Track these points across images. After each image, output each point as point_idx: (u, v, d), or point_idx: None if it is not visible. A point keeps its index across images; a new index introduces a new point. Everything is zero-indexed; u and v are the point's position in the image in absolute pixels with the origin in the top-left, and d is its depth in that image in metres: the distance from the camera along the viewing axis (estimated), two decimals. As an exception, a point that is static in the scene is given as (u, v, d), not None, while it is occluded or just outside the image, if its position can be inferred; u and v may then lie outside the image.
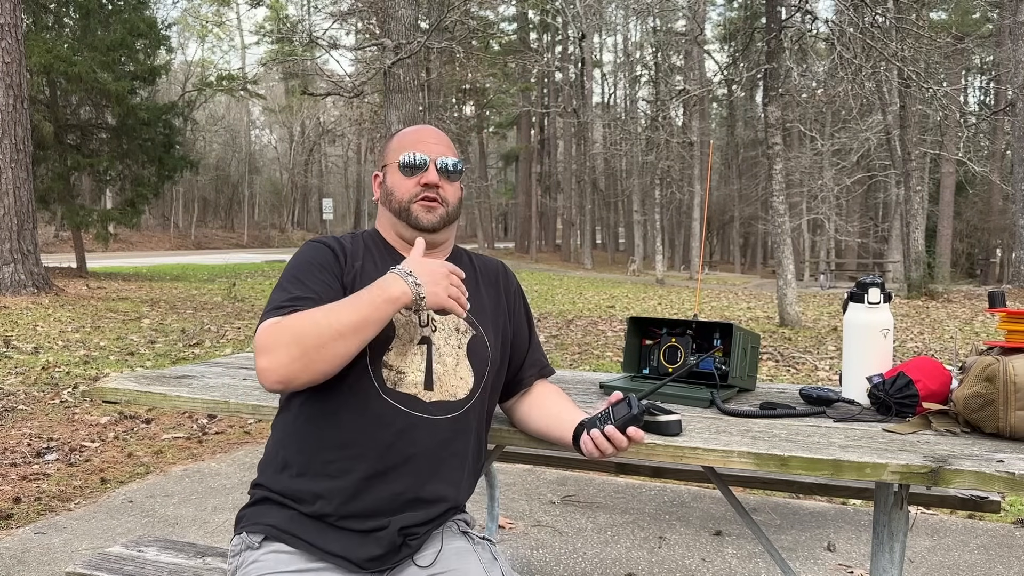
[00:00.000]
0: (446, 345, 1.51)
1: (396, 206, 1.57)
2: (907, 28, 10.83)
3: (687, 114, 31.26)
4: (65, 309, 10.03)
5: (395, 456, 1.41)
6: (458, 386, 1.49)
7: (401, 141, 1.62)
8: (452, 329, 1.53)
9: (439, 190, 1.56)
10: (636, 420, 1.39)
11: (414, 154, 1.57)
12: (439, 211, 1.57)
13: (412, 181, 1.57)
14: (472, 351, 1.54)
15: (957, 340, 9.09)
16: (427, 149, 1.58)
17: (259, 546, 1.41)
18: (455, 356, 1.51)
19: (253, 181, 45.03)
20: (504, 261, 1.77)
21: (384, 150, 1.66)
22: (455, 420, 1.47)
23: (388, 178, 1.60)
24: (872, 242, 31.64)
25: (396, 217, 1.58)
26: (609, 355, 7.59)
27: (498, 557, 1.47)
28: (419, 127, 1.66)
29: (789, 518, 3.32)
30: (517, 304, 1.70)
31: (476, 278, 1.64)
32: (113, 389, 2.00)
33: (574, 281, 22.52)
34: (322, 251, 1.52)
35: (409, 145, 1.59)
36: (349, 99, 12.13)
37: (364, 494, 1.39)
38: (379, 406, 1.42)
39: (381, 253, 1.58)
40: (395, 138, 1.65)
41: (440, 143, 1.61)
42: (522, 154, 39.33)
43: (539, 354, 1.73)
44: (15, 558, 2.85)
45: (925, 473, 1.31)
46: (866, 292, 1.77)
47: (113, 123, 17.31)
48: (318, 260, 1.50)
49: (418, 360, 1.47)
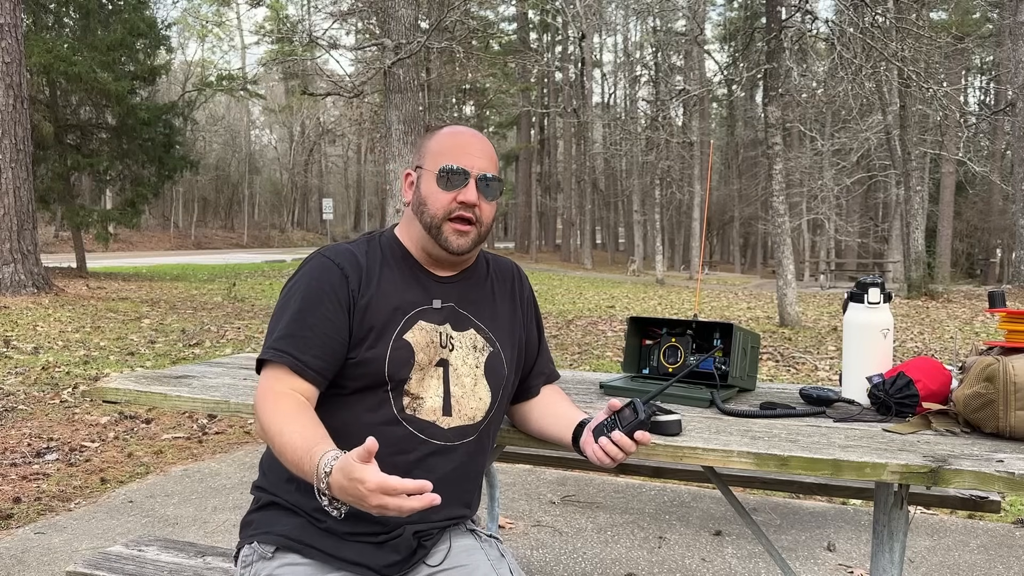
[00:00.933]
0: (464, 365, 1.46)
1: (428, 220, 1.45)
2: (907, 28, 10.83)
3: (687, 114, 31.28)
4: (65, 309, 10.02)
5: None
6: (477, 408, 1.46)
7: (441, 144, 1.47)
8: (470, 347, 1.48)
9: (476, 209, 1.44)
10: (643, 425, 1.38)
11: (455, 166, 1.43)
12: (471, 235, 1.45)
13: (449, 196, 1.43)
14: (489, 369, 1.49)
15: (957, 340, 9.08)
16: (470, 162, 1.44)
17: (272, 557, 1.38)
18: (473, 376, 1.47)
19: (253, 181, 45.02)
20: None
21: (421, 147, 1.51)
22: (471, 444, 1.46)
23: (423, 184, 1.47)
24: (872, 242, 31.64)
25: (426, 232, 1.45)
26: (609, 355, 7.59)
27: (505, 554, 1.47)
28: (462, 130, 1.51)
29: (789, 518, 3.32)
30: (530, 314, 1.65)
31: (493, 289, 1.58)
32: (113, 389, 2.00)
33: (574, 281, 22.51)
34: (332, 275, 1.41)
35: (450, 152, 1.45)
36: (349, 99, 12.14)
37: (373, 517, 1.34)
38: (397, 433, 1.38)
39: (401, 267, 1.48)
40: (436, 137, 1.50)
41: (484, 155, 1.47)
42: (522, 154, 39.33)
43: (547, 362, 1.69)
44: (15, 558, 2.85)
45: (925, 473, 1.31)
46: (866, 292, 1.77)
47: (113, 123, 17.31)
48: (326, 287, 1.40)
49: (435, 384, 1.43)
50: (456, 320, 1.49)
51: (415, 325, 1.43)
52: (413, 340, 1.41)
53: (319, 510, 1.36)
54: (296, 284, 1.43)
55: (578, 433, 1.46)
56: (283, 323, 1.39)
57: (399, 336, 1.41)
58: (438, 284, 1.50)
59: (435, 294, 1.48)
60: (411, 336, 1.42)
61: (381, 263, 1.46)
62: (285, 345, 1.37)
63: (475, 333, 1.50)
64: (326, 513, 1.33)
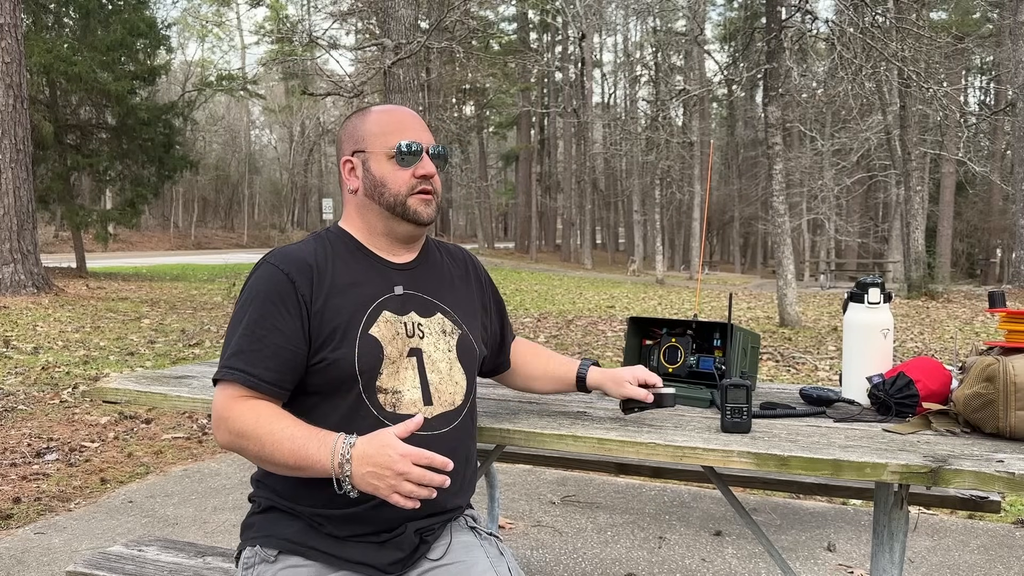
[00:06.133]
0: (436, 351, 1.46)
1: (391, 200, 1.45)
2: (907, 28, 10.82)
3: (687, 114, 31.28)
4: (65, 309, 10.02)
5: None
6: (455, 393, 1.46)
7: (382, 124, 1.47)
8: (439, 332, 1.48)
9: (432, 180, 1.48)
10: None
11: (411, 143, 1.45)
12: (434, 204, 1.48)
13: (407, 172, 1.45)
14: (462, 351, 1.50)
15: (957, 340, 9.08)
16: (419, 136, 1.47)
17: (275, 560, 1.38)
18: (447, 360, 1.46)
19: (253, 181, 45.01)
20: (504, 261, 1.77)
21: (354, 132, 1.49)
22: (456, 428, 1.46)
23: (373, 167, 1.46)
24: (872, 242, 31.65)
25: (389, 212, 1.45)
26: (609, 355, 7.59)
27: (504, 552, 1.47)
28: (393, 108, 1.52)
29: (789, 518, 3.32)
30: (488, 293, 1.67)
31: (450, 272, 1.59)
32: (113, 389, 2.00)
33: (574, 281, 22.51)
34: (279, 283, 1.38)
35: (397, 131, 1.46)
36: (349, 99, 12.13)
37: (374, 519, 1.36)
38: None
39: (355, 258, 1.46)
40: (370, 119, 1.49)
41: (426, 129, 1.50)
42: (522, 154, 39.32)
43: (511, 333, 1.76)
44: (15, 558, 2.85)
45: (925, 473, 1.31)
46: (866, 292, 1.77)
47: (113, 123, 17.31)
48: (273, 297, 1.37)
49: (411, 375, 1.41)
50: (421, 306, 1.48)
51: (379, 318, 1.41)
52: (379, 334, 1.40)
53: (319, 515, 1.37)
54: (244, 297, 1.40)
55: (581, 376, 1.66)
56: (234, 340, 1.37)
57: (364, 332, 1.39)
58: (397, 271, 1.49)
59: (395, 280, 1.47)
60: (376, 331, 1.40)
61: (334, 259, 1.44)
62: (236, 362, 1.34)
63: (442, 317, 1.50)
64: (327, 518, 1.35)
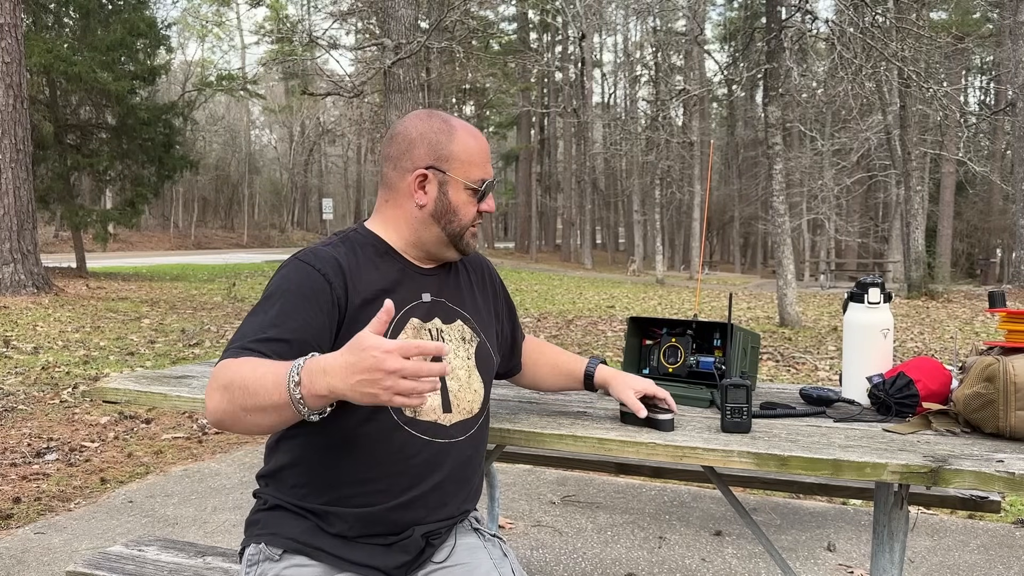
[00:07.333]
0: (456, 358, 1.45)
1: (456, 229, 1.43)
2: (907, 28, 10.83)
3: (687, 114, 31.27)
4: (65, 309, 10.02)
5: (422, 486, 1.37)
6: (473, 401, 1.46)
7: (468, 150, 1.43)
8: (459, 339, 1.48)
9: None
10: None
11: (490, 182, 1.45)
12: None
13: (475, 206, 1.44)
14: (480, 359, 1.50)
15: (957, 340, 9.08)
16: (490, 171, 1.46)
17: (280, 558, 1.37)
18: (466, 368, 1.47)
19: (253, 181, 45.00)
20: (504, 261, 1.78)
21: (437, 147, 1.42)
22: (472, 436, 1.46)
23: (451, 193, 1.42)
24: (872, 242, 31.65)
25: (448, 238, 1.44)
26: (609, 355, 7.59)
27: (508, 554, 1.48)
28: (476, 132, 1.47)
29: (789, 518, 3.32)
30: (501, 300, 1.68)
31: (469, 279, 1.59)
32: (113, 389, 2.00)
33: (574, 281, 22.51)
34: (314, 281, 1.32)
35: (480, 164, 1.44)
36: (349, 99, 12.13)
37: (387, 521, 1.36)
38: (401, 438, 1.35)
39: (385, 263, 1.43)
40: (457, 140, 1.42)
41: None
42: (522, 154, 39.34)
43: (522, 335, 1.78)
44: (15, 558, 2.84)
45: (925, 473, 1.31)
46: (866, 292, 1.77)
47: (113, 123, 17.31)
48: (307, 292, 1.31)
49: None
50: (444, 313, 1.48)
51: (407, 324, 1.41)
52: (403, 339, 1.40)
53: (331, 513, 1.36)
54: (273, 289, 1.33)
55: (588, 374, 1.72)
56: (257, 326, 1.28)
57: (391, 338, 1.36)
58: (424, 277, 1.48)
59: (423, 287, 1.47)
60: (403, 337, 1.39)
61: (365, 264, 1.40)
62: (259, 347, 1.25)
63: (462, 324, 1.50)
64: (338, 516, 1.35)
